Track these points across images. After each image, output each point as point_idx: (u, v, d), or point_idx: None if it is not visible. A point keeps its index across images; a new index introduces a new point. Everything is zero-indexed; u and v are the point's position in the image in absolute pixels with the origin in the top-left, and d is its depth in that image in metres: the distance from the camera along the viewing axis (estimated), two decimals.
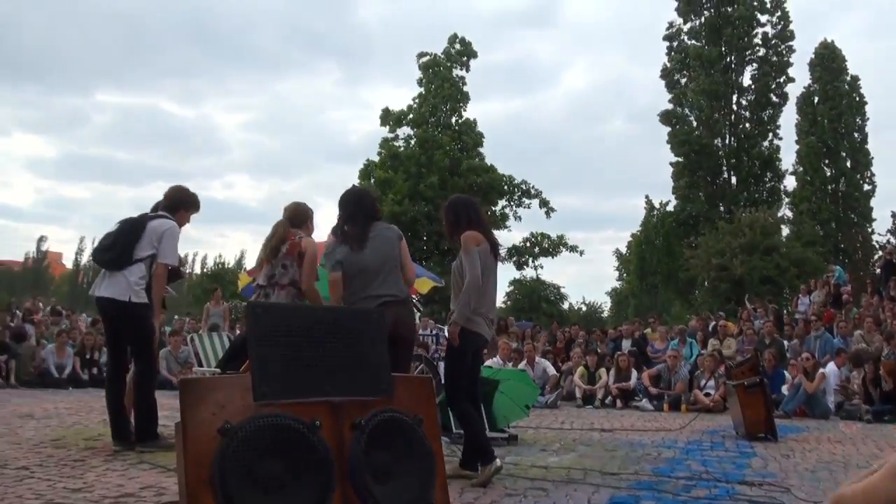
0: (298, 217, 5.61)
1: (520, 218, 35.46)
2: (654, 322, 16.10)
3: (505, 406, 7.49)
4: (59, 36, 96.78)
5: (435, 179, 31.80)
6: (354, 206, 4.93)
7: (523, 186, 35.07)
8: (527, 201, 35.28)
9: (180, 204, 5.87)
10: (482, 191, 32.07)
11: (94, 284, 5.65)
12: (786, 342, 13.50)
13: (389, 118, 35.11)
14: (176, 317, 20.69)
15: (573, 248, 35.26)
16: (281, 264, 5.33)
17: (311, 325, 2.98)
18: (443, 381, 5.14)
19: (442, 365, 10.78)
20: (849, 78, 38.02)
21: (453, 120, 35.15)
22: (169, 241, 5.59)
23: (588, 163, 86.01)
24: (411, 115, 34.76)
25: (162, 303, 5.82)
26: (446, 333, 10.78)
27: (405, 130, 35.18)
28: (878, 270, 20.26)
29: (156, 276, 5.56)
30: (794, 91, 38.12)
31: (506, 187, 34.54)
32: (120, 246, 5.54)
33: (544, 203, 35.17)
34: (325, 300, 5.21)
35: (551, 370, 12.51)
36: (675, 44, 38.86)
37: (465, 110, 35.52)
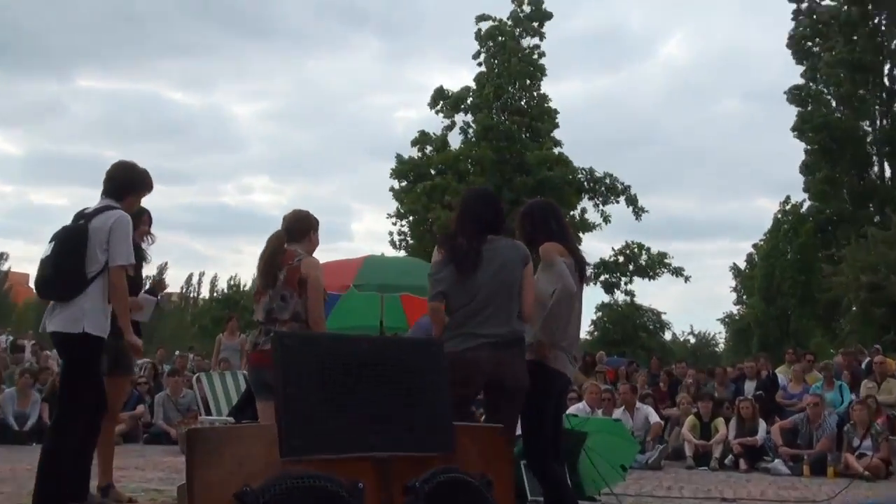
0: (298, 229, 5.65)
1: (609, 219, 34.73)
2: (791, 357, 15.75)
3: (595, 466, 7.39)
4: (28, 5, 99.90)
5: (496, 180, 31.54)
6: (470, 210, 4.89)
7: (606, 181, 34.43)
8: (612, 198, 34.66)
9: (129, 186, 5.74)
10: (555, 189, 31.68)
11: (45, 314, 5.50)
12: None
13: (445, 102, 35.04)
14: (177, 352, 21.12)
15: (677, 272, 34.59)
16: (280, 295, 5.39)
17: (353, 360, 2.98)
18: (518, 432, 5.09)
19: None
20: None
21: (523, 103, 34.82)
22: (119, 235, 5.39)
23: (693, 155, 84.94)
24: (470, 99, 34.57)
25: (135, 326, 5.80)
26: None
27: (461, 119, 35.11)
28: None
29: (113, 287, 5.36)
30: None
31: (585, 183, 34.09)
32: (63, 272, 5.34)
33: (632, 200, 34.41)
34: None
35: (654, 417, 12.34)
36: (804, 5, 38.50)
37: (537, 90, 35.19)
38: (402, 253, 33.00)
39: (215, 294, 58.09)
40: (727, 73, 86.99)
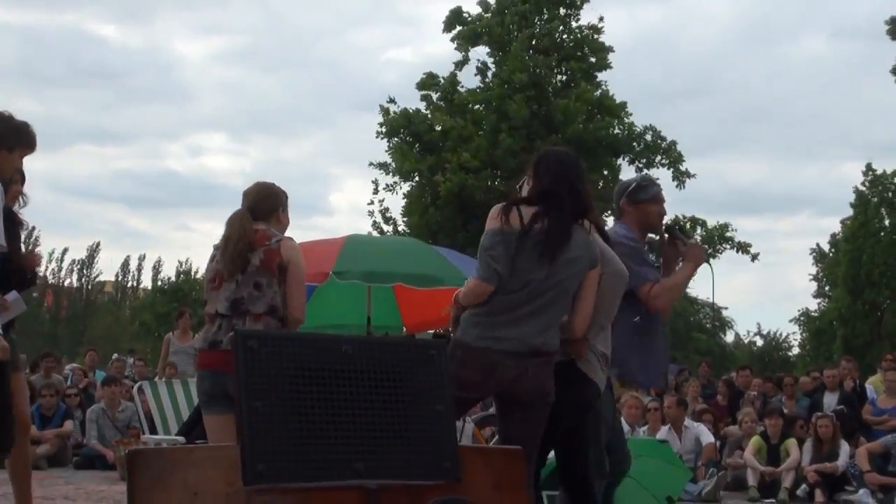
0: (263, 207, 5.66)
1: (656, 180, 33.71)
2: (889, 364, 15.73)
3: (633, 497, 7.46)
4: None
5: (512, 141, 30.48)
6: (563, 178, 4.95)
7: (647, 137, 33.33)
8: (654, 159, 33.35)
9: (1, 143, 5.73)
10: (587, 149, 30.88)
11: None
12: None
13: (461, 30, 33.92)
14: (114, 356, 21.17)
15: (744, 248, 33.80)
16: (253, 283, 5.41)
17: (333, 366, 3.02)
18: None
19: None
20: None
21: (557, 36, 33.69)
22: None
23: (765, 109, 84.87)
24: (485, 31, 33.39)
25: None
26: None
27: (479, 53, 33.85)
28: None
29: None
30: None
31: (634, 143, 33.05)
32: None
33: (674, 160, 33.23)
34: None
35: (708, 438, 12.39)
36: None
37: (576, 19, 34.11)
38: (392, 232, 32.40)
39: (160, 283, 58.12)
40: (808, 5, 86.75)
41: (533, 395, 4.74)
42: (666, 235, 5.88)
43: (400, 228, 32.80)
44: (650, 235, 5.98)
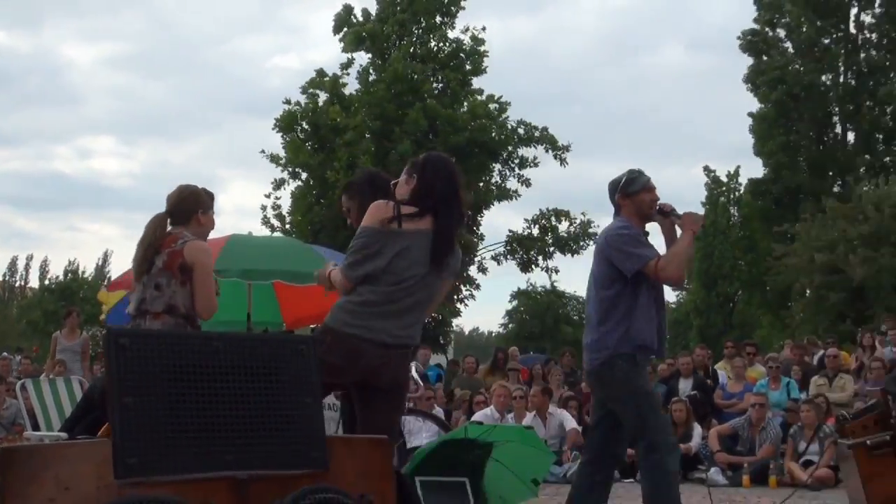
0: (181, 209, 5.67)
1: (528, 183, 33.41)
2: (731, 351, 16.18)
3: (501, 480, 7.54)
4: None
5: (408, 145, 29.82)
6: (453, 188, 5.05)
7: (520, 132, 32.80)
8: (527, 154, 32.87)
9: None
10: (465, 154, 30.69)
11: None
12: None
13: (347, 31, 33.13)
14: (3, 354, 20.56)
15: None
16: (154, 283, 5.43)
17: (203, 361, 3.02)
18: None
19: (408, 419, 10.83)
20: None
21: (433, 44, 33.41)
22: None
23: (627, 113, 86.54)
24: (368, 36, 32.76)
25: None
26: (413, 373, 10.82)
27: (362, 58, 33.24)
28: None
29: None
30: None
31: (508, 143, 32.47)
32: None
33: (552, 143, 32.56)
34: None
35: (571, 423, 12.57)
36: None
37: (451, 27, 33.80)
38: (282, 230, 31.82)
39: (47, 282, 56.63)
40: (669, 17, 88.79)
41: (392, 384, 4.84)
42: (661, 217, 6.04)
43: (287, 227, 32.23)
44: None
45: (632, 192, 5.97)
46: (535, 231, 33.07)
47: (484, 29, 33.55)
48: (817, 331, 26.44)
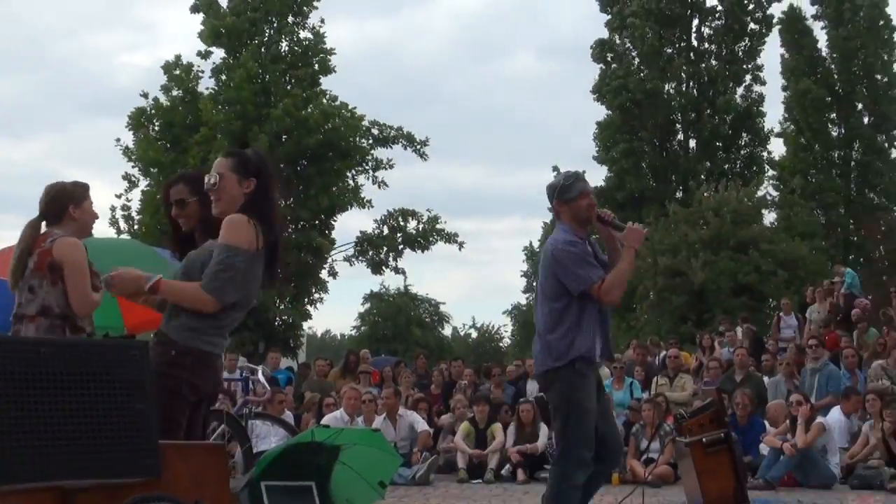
0: (54, 207, 5.54)
1: (384, 184, 33.14)
2: None
3: (348, 483, 7.51)
4: None
5: (266, 143, 29.20)
6: (275, 191, 4.88)
7: (374, 131, 32.64)
8: (382, 155, 32.74)
9: None
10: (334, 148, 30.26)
11: None
12: (766, 378, 14.15)
13: (206, 18, 31.95)
14: None
15: (451, 239, 33.97)
16: (28, 286, 5.34)
17: (28, 368, 2.92)
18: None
19: (256, 423, 10.69)
20: None
21: (284, 45, 32.87)
22: None
23: (480, 117, 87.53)
24: (224, 32, 31.89)
25: None
26: (260, 376, 10.74)
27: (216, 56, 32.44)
28: None
29: None
30: (775, 13, 39.25)
31: (363, 143, 32.24)
32: None
33: (409, 140, 32.72)
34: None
35: (421, 426, 12.62)
36: None
37: (303, 28, 33.35)
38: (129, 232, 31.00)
39: None
40: (522, 23, 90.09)
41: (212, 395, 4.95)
42: (600, 225, 6.07)
43: (136, 228, 31.37)
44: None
45: (569, 199, 6.01)
46: (385, 231, 33.16)
47: (323, 21, 33.35)
48: (660, 332, 27.06)
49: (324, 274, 31.68)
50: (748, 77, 38.90)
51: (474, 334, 52.43)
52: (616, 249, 6.04)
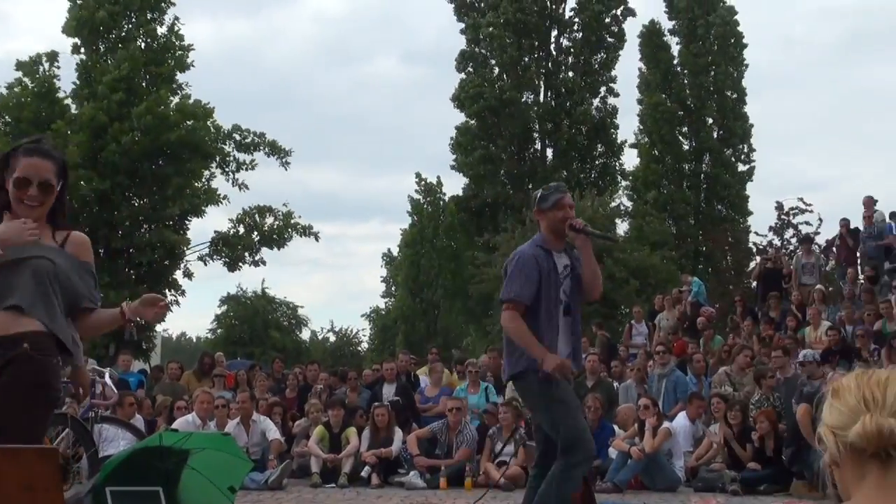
0: None
1: (244, 186, 32.66)
2: (434, 357, 16.53)
3: (197, 488, 7.36)
4: None
5: (129, 138, 28.29)
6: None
7: (236, 137, 32.23)
8: (244, 158, 32.34)
9: None
10: (189, 148, 29.63)
11: None
12: (616, 384, 14.43)
13: (72, 7, 30.94)
14: None
15: (307, 231, 33.43)
16: None
17: None
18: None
19: (103, 427, 10.32)
20: (721, 8, 39.38)
21: (140, 43, 32.06)
22: None
23: (342, 121, 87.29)
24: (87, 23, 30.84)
25: None
26: (107, 379, 10.37)
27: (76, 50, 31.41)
28: (754, 283, 22.13)
29: None
30: (636, 27, 40.31)
31: (222, 145, 31.75)
32: None
33: (274, 148, 32.54)
34: None
35: (273, 433, 12.44)
36: None
37: (160, 24, 32.64)
38: None
39: None
40: (386, 28, 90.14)
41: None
42: (573, 233, 6.11)
43: None
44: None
45: (545, 209, 6.10)
46: (242, 230, 32.68)
47: (177, 18, 32.66)
48: None
49: (178, 275, 30.98)
50: (604, 89, 39.65)
51: (333, 338, 52.22)
52: (589, 256, 6.14)
